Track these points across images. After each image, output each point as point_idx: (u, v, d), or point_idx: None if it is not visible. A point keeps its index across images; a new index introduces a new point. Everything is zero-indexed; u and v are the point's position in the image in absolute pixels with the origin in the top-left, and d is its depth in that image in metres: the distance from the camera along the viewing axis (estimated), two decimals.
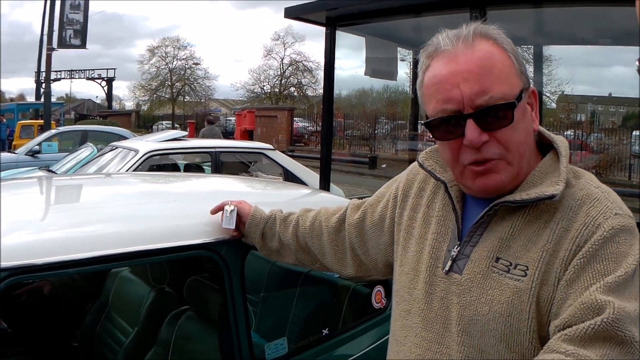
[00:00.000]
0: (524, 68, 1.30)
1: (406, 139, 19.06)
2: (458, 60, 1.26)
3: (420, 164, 1.51)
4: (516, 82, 1.27)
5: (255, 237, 1.97)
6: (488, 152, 1.26)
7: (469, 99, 1.23)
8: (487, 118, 1.24)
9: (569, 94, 27.82)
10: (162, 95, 60.66)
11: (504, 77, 1.25)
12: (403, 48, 7.37)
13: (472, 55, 1.25)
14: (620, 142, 20.56)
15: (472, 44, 1.26)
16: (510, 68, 1.27)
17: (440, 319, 1.34)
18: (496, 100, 1.23)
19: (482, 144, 1.25)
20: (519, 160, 1.28)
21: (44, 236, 1.81)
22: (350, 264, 1.77)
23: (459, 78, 1.24)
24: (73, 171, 7.90)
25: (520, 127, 1.27)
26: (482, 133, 1.24)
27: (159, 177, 3.80)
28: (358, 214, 1.73)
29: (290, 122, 30.25)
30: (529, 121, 1.32)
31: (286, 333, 2.60)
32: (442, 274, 1.36)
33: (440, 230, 1.41)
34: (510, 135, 1.25)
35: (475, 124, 1.24)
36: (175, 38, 60.43)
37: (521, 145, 1.28)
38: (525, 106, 1.30)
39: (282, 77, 56.37)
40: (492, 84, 1.23)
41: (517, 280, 1.22)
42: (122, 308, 2.85)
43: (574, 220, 1.21)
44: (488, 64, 1.24)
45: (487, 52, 1.26)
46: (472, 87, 1.23)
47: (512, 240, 1.26)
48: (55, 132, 15.68)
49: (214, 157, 7.19)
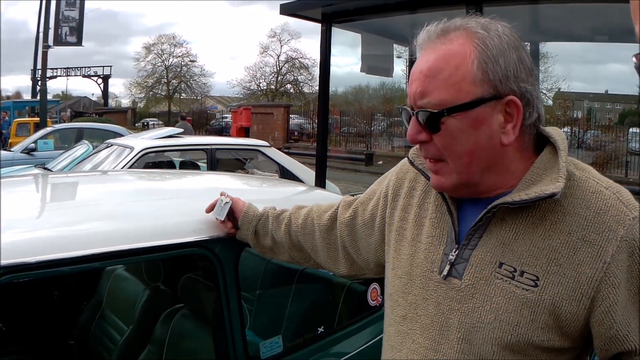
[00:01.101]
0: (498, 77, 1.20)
1: (402, 136, 19.06)
2: (422, 58, 1.26)
3: (410, 161, 1.47)
4: (469, 90, 1.20)
5: (249, 235, 1.96)
6: (427, 151, 1.29)
7: (413, 98, 1.25)
8: (422, 120, 1.25)
9: (565, 91, 27.86)
10: (159, 93, 60.60)
11: (451, 83, 1.20)
12: (399, 45, 7.37)
13: (431, 54, 1.24)
14: (617, 139, 20.58)
15: (441, 41, 1.24)
16: (466, 74, 1.20)
17: (437, 326, 1.29)
18: (432, 105, 1.21)
19: (423, 143, 1.27)
20: (463, 170, 1.25)
21: (38, 234, 1.80)
22: (342, 262, 1.75)
23: (414, 76, 1.26)
24: (69, 169, 7.87)
25: (464, 138, 1.22)
26: (421, 132, 1.26)
27: (154, 175, 3.78)
28: (349, 212, 1.70)
29: (287, 119, 30.25)
30: (489, 133, 1.22)
31: (281, 331, 2.60)
32: (439, 278, 1.31)
33: (435, 233, 1.36)
34: (447, 142, 1.23)
35: (417, 121, 1.26)
36: (171, 35, 60.52)
37: (464, 156, 1.23)
38: (482, 117, 1.20)
39: (278, 74, 56.42)
40: (433, 88, 1.22)
41: (525, 290, 1.19)
42: (116, 306, 2.84)
43: (591, 231, 1.17)
44: (437, 67, 1.21)
45: (445, 53, 1.22)
46: (417, 87, 1.24)
47: (516, 243, 1.22)
48: (51, 129, 15.65)
49: (209, 154, 7.18)
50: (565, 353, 1.22)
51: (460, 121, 1.20)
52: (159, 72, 59.39)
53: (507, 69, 1.21)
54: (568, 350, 1.22)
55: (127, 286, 2.85)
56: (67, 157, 8.80)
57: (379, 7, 5.61)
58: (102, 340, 2.74)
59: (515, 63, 1.21)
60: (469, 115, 1.20)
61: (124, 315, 2.72)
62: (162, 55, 59.05)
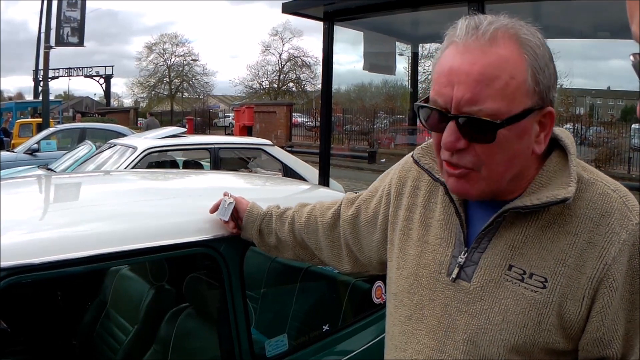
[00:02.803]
0: (544, 87, 1.17)
1: (405, 133, 19.05)
2: (464, 57, 1.15)
3: (415, 160, 1.43)
4: (521, 101, 1.15)
5: (253, 234, 1.96)
6: (462, 159, 1.20)
7: (457, 102, 1.15)
8: (468, 127, 1.15)
9: (568, 87, 27.78)
10: (161, 92, 60.63)
11: (506, 93, 1.13)
12: (401, 42, 7.37)
13: (480, 57, 1.14)
14: (619, 135, 20.53)
15: (488, 43, 1.15)
16: (520, 85, 1.14)
17: (443, 327, 1.29)
18: (485, 114, 1.13)
19: (459, 150, 1.18)
20: (496, 179, 1.21)
21: (42, 235, 1.80)
22: (346, 260, 1.74)
23: (455, 78, 1.15)
24: (72, 169, 7.88)
25: (509, 148, 1.17)
26: (460, 139, 1.17)
27: (158, 174, 3.79)
28: (352, 209, 1.69)
29: (289, 118, 30.24)
30: (528, 143, 1.20)
31: (286, 329, 2.60)
32: (447, 280, 1.30)
33: (444, 235, 1.35)
34: (492, 152, 1.17)
35: (456, 127, 1.17)
36: (173, 34, 60.48)
37: (502, 165, 1.19)
38: (527, 127, 1.18)
39: (280, 72, 56.37)
40: (487, 96, 1.13)
41: (534, 292, 1.19)
42: (121, 306, 2.84)
43: (596, 233, 1.17)
44: (492, 74, 1.13)
45: (498, 59, 1.14)
46: (465, 92, 1.14)
47: (525, 247, 1.21)
48: (53, 130, 15.66)
49: (212, 153, 7.17)
50: (569, 355, 1.22)
51: (510, 131, 1.15)
52: (161, 71, 59.46)
53: (550, 80, 1.19)
54: (571, 353, 1.22)
55: (132, 286, 2.85)
56: (70, 158, 8.80)
57: (381, 5, 5.60)
58: (106, 340, 2.74)
59: (553, 73, 1.21)
60: (518, 125, 1.16)
61: (129, 315, 2.72)
62: (164, 55, 59.15)
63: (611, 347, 1.17)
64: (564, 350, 1.20)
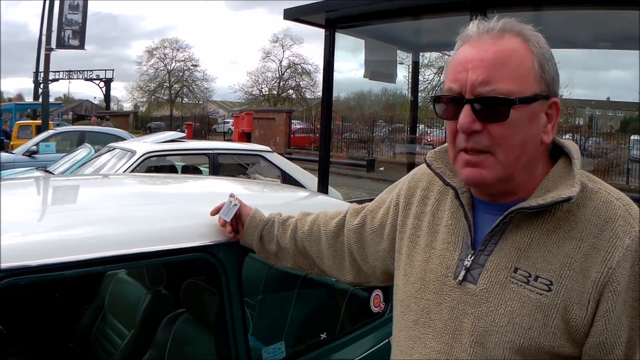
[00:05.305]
0: (549, 78, 1.27)
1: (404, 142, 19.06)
2: (478, 48, 1.25)
3: (428, 164, 1.47)
4: (531, 84, 1.24)
5: (254, 240, 1.96)
6: (478, 142, 1.25)
7: (472, 85, 1.23)
8: (483, 108, 1.23)
9: (567, 97, 27.85)
10: (161, 97, 60.67)
11: (518, 75, 1.23)
12: (402, 51, 7.37)
13: (492, 46, 1.24)
14: (618, 146, 20.58)
15: (498, 36, 1.26)
16: (529, 69, 1.24)
17: (450, 330, 1.31)
18: (498, 93, 1.21)
19: (474, 133, 1.24)
20: (511, 162, 1.25)
21: (39, 237, 1.79)
22: (348, 269, 1.75)
23: (470, 64, 1.24)
24: (70, 172, 7.87)
25: (521, 130, 1.24)
26: (475, 121, 1.23)
27: (156, 179, 3.78)
28: (357, 219, 1.71)
29: (289, 125, 30.26)
30: (537, 129, 1.27)
31: (284, 337, 2.59)
32: (454, 283, 1.32)
33: (451, 239, 1.38)
34: (506, 132, 1.23)
35: (471, 110, 1.24)
36: (173, 39, 60.59)
37: (516, 148, 1.25)
38: (536, 112, 1.25)
39: (280, 79, 56.45)
40: (500, 77, 1.22)
41: (539, 294, 1.21)
42: (118, 310, 2.83)
43: (600, 238, 1.20)
44: (504, 57, 1.23)
45: (509, 47, 1.24)
46: (479, 75, 1.22)
47: (531, 250, 1.25)
48: (53, 132, 15.65)
49: (211, 159, 7.17)
50: None
51: (522, 113, 1.23)
52: (161, 76, 59.50)
53: (554, 73, 1.28)
54: (577, 359, 1.22)
55: (129, 290, 2.83)
56: (69, 160, 8.79)
57: (383, 13, 5.61)
58: (103, 344, 2.72)
59: (556, 70, 1.29)
60: (529, 108, 1.24)
61: (126, 319, 2.71)
62: (164, 60, 59.20)
63: (613, 353, 1.18)
64: (570, 356, 1.21)
